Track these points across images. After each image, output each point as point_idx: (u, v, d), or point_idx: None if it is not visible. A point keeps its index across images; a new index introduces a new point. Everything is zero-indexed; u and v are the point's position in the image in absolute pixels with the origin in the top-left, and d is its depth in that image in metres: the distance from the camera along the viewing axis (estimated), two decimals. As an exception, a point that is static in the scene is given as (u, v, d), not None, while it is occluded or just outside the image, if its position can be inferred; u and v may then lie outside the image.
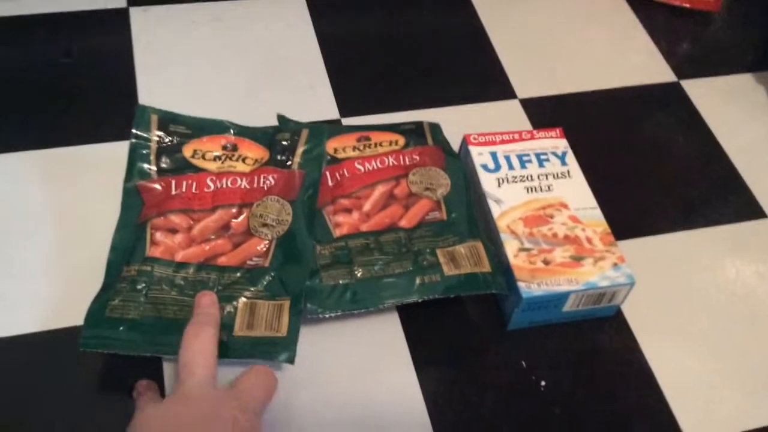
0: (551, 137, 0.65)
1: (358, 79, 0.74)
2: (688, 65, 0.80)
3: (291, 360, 0.50)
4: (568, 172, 0.62)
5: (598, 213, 0.59)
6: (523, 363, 0.56)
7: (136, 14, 0.75)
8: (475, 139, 0.64)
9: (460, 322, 0.57)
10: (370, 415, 0.52)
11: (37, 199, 0.60)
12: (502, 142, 0.64)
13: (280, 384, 0.49)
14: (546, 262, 0.56)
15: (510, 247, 0.57)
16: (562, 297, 0.55)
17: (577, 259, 0.56)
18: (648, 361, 0.57)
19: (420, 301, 0.53)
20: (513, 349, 0.57)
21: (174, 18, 0.76)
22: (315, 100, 0.71)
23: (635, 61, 0.80)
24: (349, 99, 0.72)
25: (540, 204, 0.60)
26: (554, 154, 0.63)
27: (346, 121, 0.70)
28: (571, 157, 0.63)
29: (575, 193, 0.61)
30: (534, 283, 0.55)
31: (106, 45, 0.73)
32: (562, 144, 0.64)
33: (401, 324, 0.56)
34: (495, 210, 0.59)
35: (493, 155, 0.63)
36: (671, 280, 0.62)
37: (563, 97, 0.75)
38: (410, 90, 0.74)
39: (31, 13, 0.74)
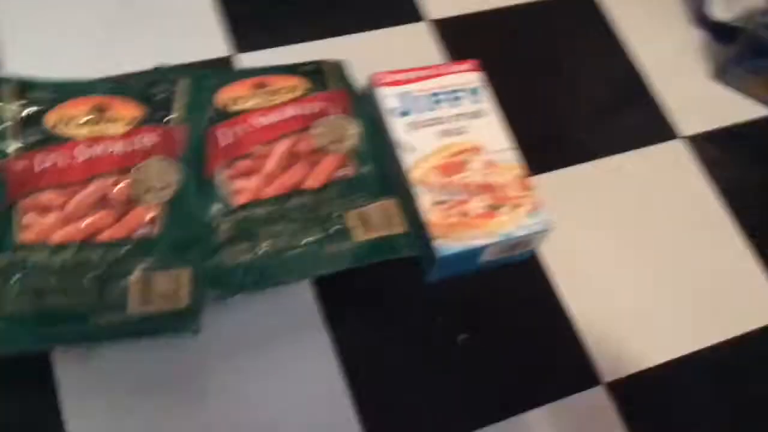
0: (465, 71, 0.60)
1: (249, 6, 0.66)
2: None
3: (195, 330, 0.46)
4: (482, 110, 0.58)
5: (513, 155, 0.57)
6: (440, 318, 0.54)
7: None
8: (383, 78, 0.58)
9: (376, 277, 0.54)
10: (285, 387, 0.50)
11: None
12: (413, 80, 0.59)
13: (189, 359, 0.46)
14: (462, 214, 0.53)
15: (424, 200, 0.53)
16: (480, 250, 0.53)
17: (494, 208, 0.54)
18: (565, 304, 0.57)
19: (331, 272, 0.50)
20: (429, 304, 0.55)
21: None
22: (201, 33, 0.63)
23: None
24: (241, 30, 0.64)
25: (454, 149, 0.56)
26: (467, 90, 0.59)
27: (240, 58, 0.62)
28: (484, 94, 0.59)
29: (490, 135, 0.57)
30: (451, 238, 0.52)
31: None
32: (476, 78, 0.60)
33: (315, 286, 0.53)
34: (407, 160, 0.55)
35: (403, 97, 0.58)
36: (587, 213, 0.61)
37: (476, 16, 0.70)
38: (309, 16, 0.66)
39: None
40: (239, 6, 0.65)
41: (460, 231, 0.53)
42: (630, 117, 0.68)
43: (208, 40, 0.63)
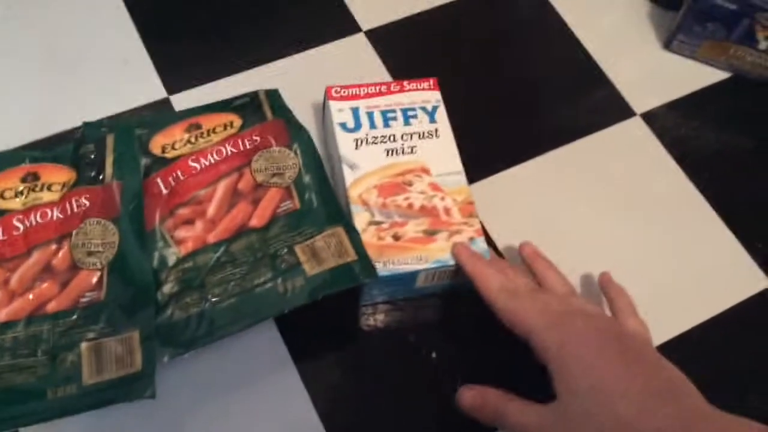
0: (423, 89, 0.58)
1: (180, 46, 0.64)
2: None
3: (152, 395, 0.45)
4: (436, 130, 0.56)
5: (461, 179, 0.54)
6: (411, 337, 0.53)
7: None
8: (336, 92, 0.57)
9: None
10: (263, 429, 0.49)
11: None
12: (367, 95, 0.57)
13: (160, 421, 0.46)
14: (396, 238, 0.52)
15: (359, 220, 0.52)
16: (411, 276, 0.51)
17: (430, 234, 0.52)
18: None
19: (287, 311, 0.49)
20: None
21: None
22: (130, 80, 0.62)
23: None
24: (174, 70, 0.63)
25: (399, 169, 0.54)
26: (423, 109, 0.57)
27: (176, 98, 0.61)
28: (441, 113, 0.57)
29: (440, 156, 0.55)
30: (380, 261, 0.50)
31: None
32: (434, 97, 0.58)
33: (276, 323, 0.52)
34: (348, 177, 0.54)
35: (355, 112, 0.56)
36: (553, 202, 0.60)
37: (410, 19, 0.68)
38: (241, 44, 0.65)
39: None
40: (165, 47, 0.64)
41: (392, 254, 0.51)
42: (586, 101, 0.66)
43: (137, 85, 0.61)
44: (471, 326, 0.54)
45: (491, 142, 0.62)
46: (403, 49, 0.66)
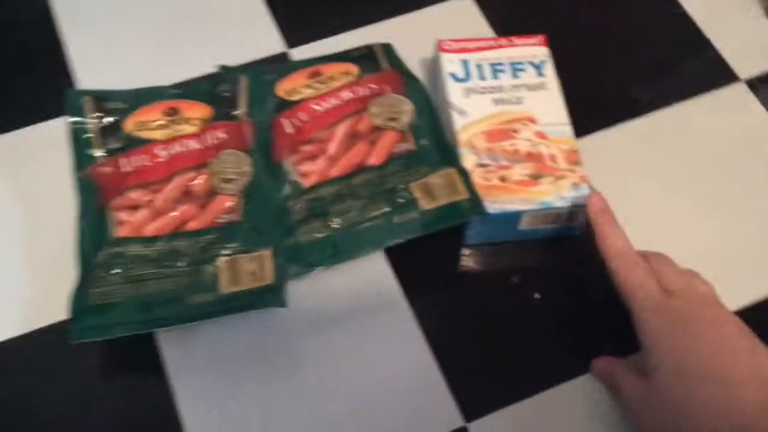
0: (531, 44, 0.61)
1: (296, 5, 0.69)
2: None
3: (283, 303, 0.49)
4: (544, 84, 0.59)
5: (567, 130, 0.57)
6: (514, 279, 0.56)
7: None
8: (448, 45, 0.60)
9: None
10: (372, 356, 0.52)
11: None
12: (477, 49, 0.60)
13: (278, 333, 0.50)
14: (502, 179, 0.54)
15: (467, 161, 0.55)
16: (516, 215, 0.54)
17: (535, 177, 0.54)
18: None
19: (403, 241, 0.53)
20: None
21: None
22: (255, 34, 0.66)
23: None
24: (292, 24, 0.67)
25: (506, 117, 0.57)
26: (531, 63, 0.60)
27: (295, 52, 0.66)
28: (549, 68, 0.60)
29: (547, 107, 0.58)
30: (487, 201, 0.53)
31: (21, 7, 0.67)
32: (542, 53, 0.60)
33: (385, 256, 0.56)
34: (457, 122, 0.57)
35: (465, 63, 0.59)
36: (651, 165, 0.61)
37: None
38: (354, 4, 0.69)
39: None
40: (287, 6, 0.68)
41: (497, 194, 0.54)
42: (689, 67, 0.67)
43: (261, 39, 0.66)
44: (575, 271, 0.56)
45: (590, 102, 0.64)
46: (508, 12, 0.69)
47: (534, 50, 0.61)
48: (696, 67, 0.67)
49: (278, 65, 0.63)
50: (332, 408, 0.50)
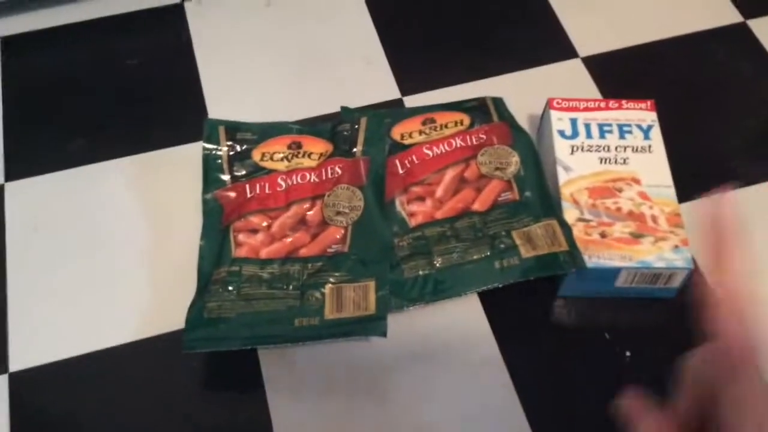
0: (640, 108, 0.63)
1: (415, 53, 0.73)
2: (752, 3, 0.77)
3: (383, 333, 0.52)
4: (650, 146, 0.60)
5: (671, 192, 0.58)
6: (606, 335, 0.57)
7: (191, 8, 0.76)
8: (558, 103, 0.63)
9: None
10: (460, 393, 0.54)
11: (125, 207, 0.63)
12: (586, 109, 0.62)
13: (372, 362, 0.52)
14: (602, 235, 0.56)
15: (569, 215, 0.57)
16: (613, 272, 0.55)
17: (636, 237, 0.56)
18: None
19: (501, 286, 0.55)
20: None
21: (227, 6, 0.76)
22: (374, 80, 0.71)
23: (697, 3, 0.77)
24: (408, 75, 0.71)
25: (611, 176, 0.59)
26: (639, 126, 0.62)
27: (408, 100, 0.70)
28: (656, 132, 0.61)
29: (651, 169, 0.59)
30: (586, 254, 0.55)
31: (166, 43, 0.74)
32: (650, 117, 0.62)
33: (479, 301, 0.58)
34: (562, 176, 0.59)
35: (573, 122, 0.62)
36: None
37: (627, 50, 0.73)
38: (468, 58, 0.73)
39: (88, 18, 0.75)
40: (401, 53, 0.73)
41: (597, 249, 0.55)
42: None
43: (380, 85, 0.71)
44: (667, 333, 0.56)
45: (694, 169, 0.64)
46: (617, 77, 0.71)
47: (642, 114, 0.62)
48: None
49: (395, 110, 0.67)
50: (418, 440, 0.52)
